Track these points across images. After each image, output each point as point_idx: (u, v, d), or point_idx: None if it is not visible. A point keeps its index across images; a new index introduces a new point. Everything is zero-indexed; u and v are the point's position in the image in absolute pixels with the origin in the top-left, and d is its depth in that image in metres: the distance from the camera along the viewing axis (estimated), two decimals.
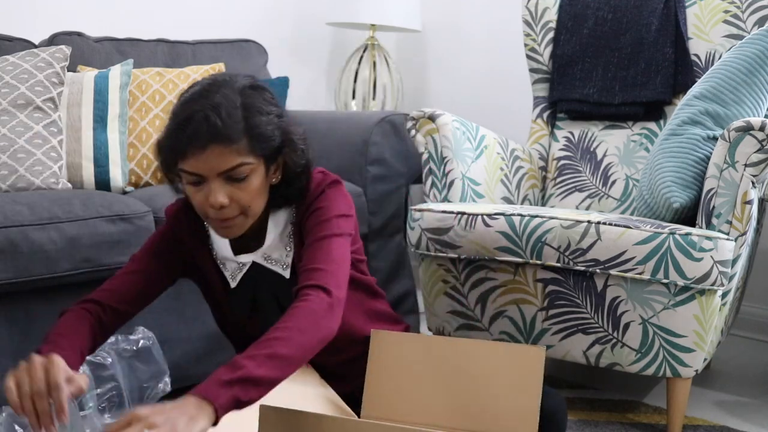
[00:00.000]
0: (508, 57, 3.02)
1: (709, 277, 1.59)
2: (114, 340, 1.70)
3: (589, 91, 2.30)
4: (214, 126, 1.14)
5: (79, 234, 1.67)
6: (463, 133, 2.07)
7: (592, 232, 1.68)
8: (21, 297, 1.64)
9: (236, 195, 1.18)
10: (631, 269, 1.65)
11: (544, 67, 2.43)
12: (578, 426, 1.80)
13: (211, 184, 1.17)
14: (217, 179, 1.17)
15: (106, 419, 1.66)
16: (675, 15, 2.20)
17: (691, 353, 1.65)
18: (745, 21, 2.10)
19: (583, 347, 1.75)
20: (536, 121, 2.44)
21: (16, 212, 1.61)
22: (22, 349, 1.65)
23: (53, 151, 1.92)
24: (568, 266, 1.72)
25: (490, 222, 1.78)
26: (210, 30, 2.89)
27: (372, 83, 3.14)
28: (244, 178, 1.18)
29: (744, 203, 1.64)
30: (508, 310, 1.82)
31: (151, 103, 2.20)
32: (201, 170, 1.17)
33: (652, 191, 1.82)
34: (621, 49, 2.27)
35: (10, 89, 1.93)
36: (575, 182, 2.30)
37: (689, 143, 1.78)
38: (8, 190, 1.84)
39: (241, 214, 1.21)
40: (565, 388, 2.05)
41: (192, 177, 1.18)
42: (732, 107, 1.79)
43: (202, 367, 1.42)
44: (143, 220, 1.78)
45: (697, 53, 2.18)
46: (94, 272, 1.70)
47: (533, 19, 2.44)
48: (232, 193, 1.18)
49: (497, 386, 1.35)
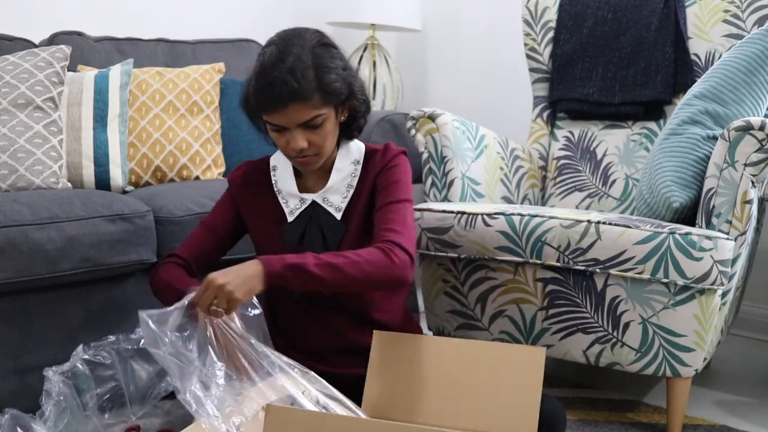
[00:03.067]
0: (508, 57, 3.02)
1: (708, 276, 1.59)
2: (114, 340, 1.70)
3: (589, 91, 2.30)
4: (292, 88, 1.37)
5: (79, 234, 1.67)
6: (463, 132, 2.07)
7: (592, 231, 1.68)
8: (21, 297, 1.64)
9: (313, 139, 1.44)
10: (631, 269, 1.65)
11: (544, 67, 2.43)
12: (578, 425, 1.80)
13: (293, 132, 1.42)
14: (297, 128, 1.42)
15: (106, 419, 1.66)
16: (675, 15, 2.20)
17: (690, 353, 1.65)
18: (744, 21, 2.10)
19: (582, 347, 1.75)
20: (536, 120, 2.44)
21: (16, 212, 1.61)
22: (22, 349, 1.65)
23: (53, 151, 1.92)
24: (568, 266, 1.72)
25: (490, 221, 1.79)
26: (210, 30, 2.89)
27: (372, 83, 3.14)
28: (319, 126, 1.43)
29: (744, 203, 1.64)
30: (507, 310, 1.82)
31: (151, 102, 2.20)
32: (283, 122, 1.42)
33: (652, 191, 1.82)
34: (621, 48, 2.27)
35: (11, 89, 1.93)
36: (575, 182, 2.30)
37: (689, 143, 1.78)
38: (8, 189, 1.84)
39: (316, 154, 1.46)
40: (565, 387, 2.05)
41: (276, 126, 1.43)
42: (732, 107, 1.79)
43: None
44: (143, 219, 1.78)
45: (697, 53, 2.18)
46: (94, 272, 1.70)
47: (533, 18, 2.44)
48: (310, 137, 1.44)
49: (498, 386, 1.35)
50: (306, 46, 1.41)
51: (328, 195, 1.54)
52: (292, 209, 1.55)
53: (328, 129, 1.45)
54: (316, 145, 1.44)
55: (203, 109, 2.27)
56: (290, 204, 1.55)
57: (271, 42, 1.45)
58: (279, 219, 1.56)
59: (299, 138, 1.42)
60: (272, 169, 1.60)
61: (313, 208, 1.54)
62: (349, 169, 1.55)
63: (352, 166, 1.56)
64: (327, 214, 1.53)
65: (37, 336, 1.67)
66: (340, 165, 1.55)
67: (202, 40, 2.65)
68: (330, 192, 1.54)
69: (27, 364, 1.66)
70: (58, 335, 1.69)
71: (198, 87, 2.28)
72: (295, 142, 1.42)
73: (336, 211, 1.53)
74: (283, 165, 1.59)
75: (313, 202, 1.54)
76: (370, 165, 1.56)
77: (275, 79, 1.37)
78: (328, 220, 1.53)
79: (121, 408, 1.68)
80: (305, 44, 1.42)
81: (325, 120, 1.43)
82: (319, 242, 1.52)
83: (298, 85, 1.37)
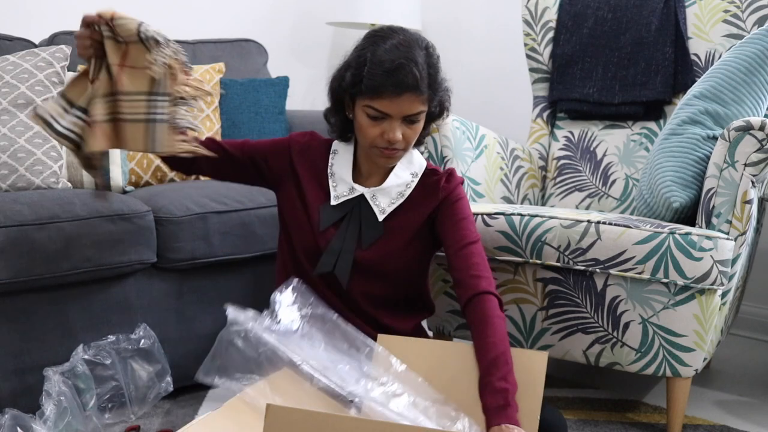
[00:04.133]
0: (508, 57, 3.02)
1: (708, 276, 1.59)
2: (115, 340, 1.71)
3: (589, 91, 2.30)
4: (414, 78, 1.41)
5: (79, 234, 1.67)
6: (463, 132, 2.07)
7: (592, 231, 1.68)
8: (21, 297, 1.64)
9: (407, 133, 1.47)
10: (631, 269, 1.65)
11: (544, 67, 2.43)
12: (578, 425, 1.80)
13: (393, 123, 1.45)
14: (399, 120, 1.45)
15: (106, 419, 1.66)
16: (675, 14, 2.20)
17: (690, 353, 1.65)
18: (744, 21, 2.10)
19: (583, 347, 1.75)
20: (536, 120, 2.44)
21: (17, 212, 1.61)
22: (22, 349, 1.65)
23: (53, 151, 1.92)
24: (568, 266, 1.72)
25: (490, 221, 1.79)
26: (210, 30, 2.89)
27: None
28: (417, 122, 1.48)
29: (744, 203, 1.64)
30: (508, 310, 1.82)
31: None
32: (391, 110, 1.44)
33: (652, 191, 1.82)
34: (621, 48, 2.27)
35: (11, 89, 1.93)
36: (575, 182, 2.30)
37: (689, 143, 1.78)
38: (8, 189, 1.84)
39: (404, 149, 1.50)
40: (565, 387, 2.05)
41: (377, 113, 1.44)
42: (732, 107, 1.79)
43: None
44: (143, 219, 1.78)
45: (697, 53, 2.18)
46: (94, 272, 1.70)
47: (533, 18, 2.45)
48: (405, 131, 1.47)
49: None
50: (422, 45, 1.47)
51: (378, 194, 1.56)
52: (339, 194, 1.57)
53: (421, 126, 1.50)
54: (408, 140, 1.48)
55: (203, 109, 2.27)
56: (339, 189, 1.57)
57: (384, 29, 1.49)
58: (319, 198, 1.58)
59: (397, 130, 1.45)
60: (332, 152, 1.61)
61: (359, 201, 1.56)
62: (406, 178, 1.58)
63: (410, 177, 1.58)
64: (370, 211, 1.55)
65: (37, 336, 1.67)
66: (399, 171, 1.58)
67: (202, 40, 2.65)
68: (381, 193, 1.56)
69: (27, 364, 1.66)
70: (58, 335, 1.69)
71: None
72: (394, 133, 1.45)
73: (380, 212, 1.55)
74: (344, 152, 1.60)
75: (361, 196, 1.56)
76: (428, 183, 1.58)
77: (402, 66, 1.41)
78: (369, 218, 1.55)
79: (121, 408, 1.68)
80: (421, 43, 1.48)
81: (422, 118, 1.49)
82: (354, 235, 1.54)
83: (420, 76, 1.42)
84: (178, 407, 1.82)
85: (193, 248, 1.84)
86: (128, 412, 1.69)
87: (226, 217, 1.90)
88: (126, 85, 1.43)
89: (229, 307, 1.31)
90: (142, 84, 1.44)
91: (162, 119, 1.44)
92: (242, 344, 1.28)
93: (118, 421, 1.68)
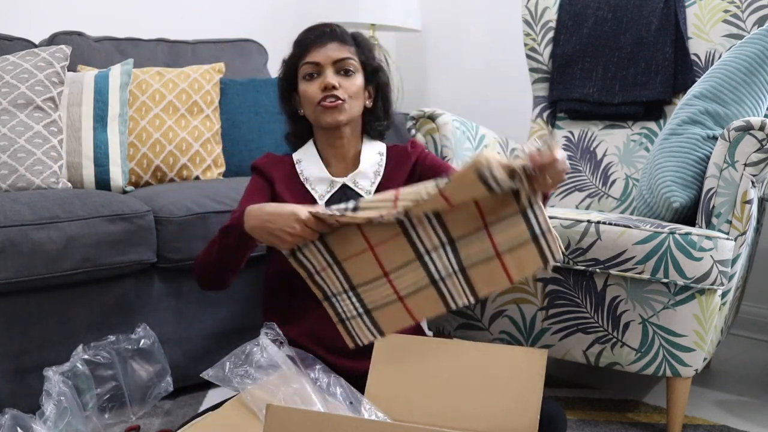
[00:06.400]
0: (508, 57, 3.02)
1: (708, 276, 1.59)
2: (115, 340, 1.71)
3: (589, 91, 2.30)
4: (333, 31, 1.59)
5: (79, 234, 1.67)
6: (463, 132, 2.07)
7: (592, 231, 1.68)
8: (21, 297, 1.64)
9: (344, 84, 1.56)
10: (631, 269, 1.65)
11: (544, 67, 2.43)
12: (578, 425, 1.80)
13: (326, 71, 1.56)
14: (331, 68, 1.56)
15: (106, 419, 1.66)
16: (675, 14, 2.20)
17: (690, 353, 1.65)
18: (744, 21, 2.10)
19: (583, 347, 1.75)
20: (536, 120, 2.44)
21: (17, 212, 1.61)
22: (22, 349, 1.65)
23: (53, 151, 1.92)
24: (567, 266, 1.72)
25: None
26: (210, 30, 2.89)
27: None
28: (351, 74, 1.58)
29: (744, 203, 1.64)
30: (507, 310, 1.82)
31: (151, 102, 2.20)
32: (319, 59, 1.56)
33: (652, 191, 1.82)
34: (621, 48, 2.27)
35: (11, 89, 1.93)
36: (575, 182, 2.30)
37: (689, 143, 1.78)
38: (8, 189, 1.84)
39: (344, 101, 1.56)
40: (565, 387, 2.05)
41: (311, 68, 1.57)
42: (732, 107, 1.79)
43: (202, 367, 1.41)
44: (143, 219, 1.78)
45: (697, 53, 2.18)
46: (94, 272, 1.70)
47: (533, 18, 2.44)
48: (341, 81, 1.56)
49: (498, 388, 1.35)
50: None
51: (357, 178, 1.62)
52: (322, 194, 1.60)
53: (357, 84, 1.58)
54: (346, 90, 1.56)
55: (203, 109, 2.27)
56: (319, 189, 1.61)
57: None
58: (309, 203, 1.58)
59: (331, 76, 1.55)
60: (297, 162, 1.66)
61: (343, 191, 1.60)
62: (375, 158, 1.65)
63: (378, 156, 1.66)
64: (357, 196, 1.58)
65: (37, 336, 1.67)
66: (366, 153, 1.64)
67: (202, 40, 2.65)
68: (360, 176, 1.62)
69: (27, 364, 1.66)
70: (58, 335, 1.69)
71: (198, 87, 2.28)
72: (328, 79, 1.54)
73: (366, 193, 1.60)
74: (309, 156, 1.65)
75: (343, 185, 1.61)
76: (396, 154, 1.66)
77: (319, 26, 1.60)
78: None
79: (121, 408, 1.68)
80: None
81: (356, 71, 1.59)
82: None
83: (340, 30, 1.60)
84: (178, 407, 1.82)
85: (193, 248, 1.84)
86: (128, 412, 1.69)
87: (226, 217, 1.89)
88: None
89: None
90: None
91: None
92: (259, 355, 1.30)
93: (118, 421, 1.68)
